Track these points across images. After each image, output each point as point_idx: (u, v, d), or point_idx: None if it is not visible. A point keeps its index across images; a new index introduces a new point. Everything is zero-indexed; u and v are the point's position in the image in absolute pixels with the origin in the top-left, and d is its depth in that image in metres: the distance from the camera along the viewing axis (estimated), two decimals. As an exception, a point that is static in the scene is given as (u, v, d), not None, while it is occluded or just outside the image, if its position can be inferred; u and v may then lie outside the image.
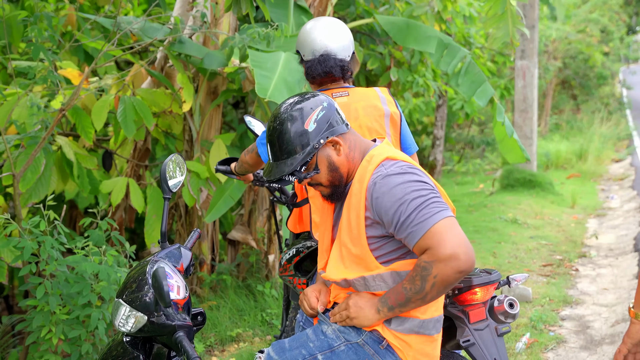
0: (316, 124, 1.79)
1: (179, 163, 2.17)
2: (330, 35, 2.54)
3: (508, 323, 2.48)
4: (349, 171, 1.86)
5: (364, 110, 2.53)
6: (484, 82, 4.58)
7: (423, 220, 1.66)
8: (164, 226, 2.07)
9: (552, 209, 8.17)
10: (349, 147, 1.85)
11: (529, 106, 9.50)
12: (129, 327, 1.88)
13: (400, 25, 4.62)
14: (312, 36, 2.55)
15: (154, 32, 4.13)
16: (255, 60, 3.51)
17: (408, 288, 1.71)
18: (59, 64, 4.13)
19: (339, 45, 2.53)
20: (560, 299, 4.78)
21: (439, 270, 1.64)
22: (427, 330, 1.84)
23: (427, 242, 1.66)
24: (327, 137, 1.80)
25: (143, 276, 1.92)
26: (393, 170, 1.75)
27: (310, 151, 1.79)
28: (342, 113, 1.87)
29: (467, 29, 7.88)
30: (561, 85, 17.43)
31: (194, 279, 4.75)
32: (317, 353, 1.86)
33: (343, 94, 2.54)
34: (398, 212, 1.69)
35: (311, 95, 1.85)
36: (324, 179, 1.85)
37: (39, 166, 3.58)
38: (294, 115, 1.80)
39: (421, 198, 1.69)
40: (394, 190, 1.71)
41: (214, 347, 4.07)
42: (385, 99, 2.59)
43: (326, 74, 2.54)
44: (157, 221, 4.29)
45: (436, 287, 1.67)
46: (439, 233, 1.64)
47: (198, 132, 4.64)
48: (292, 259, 2.93)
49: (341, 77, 2.56)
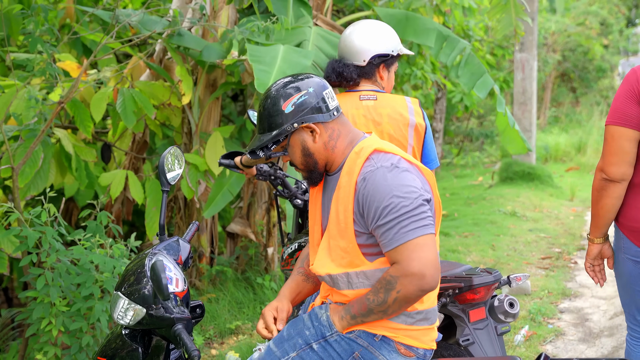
0: (293, 107, 1.81)
1: (177, 156, 2.17)
2: (344, 40, 2.57)
3: (508, 322, 2.50)
4: (328, 160, 1.87)
5: (389, 117, 2.52)
6: (484, 73, 4.57)
7: (398, 233, 1.69)
8: (162, 219, 2.07)
9: (551, 201, 8.17)
10: (330, 136, 1.86)
11: (528, 99, 9.49)
12: (128, 319, 1.88)
13: (399, 17, 4.61)
14: (343, 37, 2.60)
15: (153, 24, 4.12)
16: (254, 54, 3.50)
17: (371, 299, 1.75)
18: (57, 56, 4.11)
19: (349, 49, 2.55)
20: (559, 292, 4.79)
21: (403, 286, 1.68)
22: (426, 320, 1.85)
23: (397, 256, 1.70)
24: (303, 122, 1.82)
25: (142, 269, 1.92)
26: (383, 165, 1.75)
27: (281, 132, 1.82)
28: (331, 101, 1.86)
29: (466, 22, 7.86)
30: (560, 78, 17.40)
31: (193, 271, 4.76)
32: (312, 342, 1.87)
33: (371, 97, 2.54)
34: (378, 214, 1.71)
35: (304, 76, 1.86)
36: (297, 161, 1.88)
37: (37, 160, 3.57)
38: (276, 95, 1.83)
39: (404, 208, 1.69)
40: (381, 189, 1.72)
41: (213, 339, 4.08)
42: (413, 110, 2.57)
43: (326, 78, 2.59)
44: (156, 214, 4.29)
45: (398, 302, 1.71)
46: (410, 250, 1.68)
47: (197, 125, 4.63)
48: (294, 253, 2.93)
49: (337, 82, 2.57)
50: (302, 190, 3.05)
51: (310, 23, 4.31)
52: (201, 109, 4.66)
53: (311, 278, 2.07)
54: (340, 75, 2.56)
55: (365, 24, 2.59)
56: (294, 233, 3.15)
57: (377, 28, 2.57)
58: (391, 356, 1.82)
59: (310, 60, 3.59)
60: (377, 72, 2.59)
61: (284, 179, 2.98)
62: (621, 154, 2.17)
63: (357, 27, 2.59)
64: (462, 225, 6.76)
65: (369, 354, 1.83)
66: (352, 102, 2.56)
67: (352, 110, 2.55)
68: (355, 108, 2.55)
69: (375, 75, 2.60)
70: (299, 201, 3.01)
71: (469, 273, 2.52)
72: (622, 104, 2.16)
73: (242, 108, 6.23)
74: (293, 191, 2.98)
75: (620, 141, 2.17)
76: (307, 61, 3.55)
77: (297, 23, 4.30)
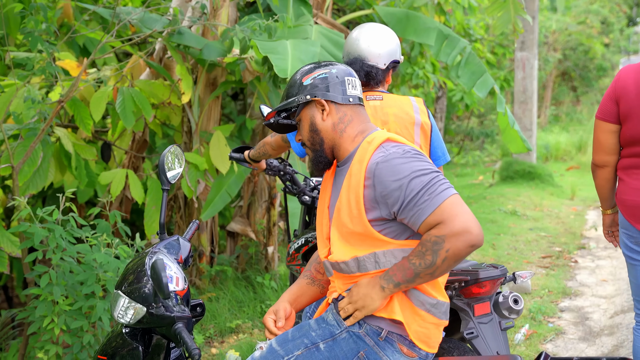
0: (311, 81, 1.88)
1: (177, 154, 2.16)
2: (366, 41, 2.60)
3: (512, 318, 2.50)
4: (335, 143, 1.89)
5: (395, 117, 2.56)
6: (484, 73, 4.57)
7: (432, 197, 1.69)
8: (162, 217, 2.07)
9: (552, 200, 8.17)
10: (341, 118, 1.88)
11: (529, 98, 9.48)
12: (128, 318, 1.88)
13: (400, 16, 4.60)
14: (350, 41, 2.63)
15: (153, 23, 4.11)
16: (265, 48, 3.54)
17: (417, 263, 1.71)
18: (57, 55, 4.11)
19: (372, 50, 2.58)
20: (560, 291, 4.78)
21: (452, 244, 1.66)
22: (438, 312, 1.85)
23: (437, 218, 1.68)
24: (315, 96, 1.86)
25: (142, 267, 1.92)
26: (395, 152, 1.77)
27: (293, 101, 1.88)
28: (351, 88, 1.90)
29: (466, 20, 7.85)
30: (561, 77, 17.39)
31: (193, 270, 4.76)
32: (319, 342, 1.86)
33: (377, 98, 2.59)
34: (404, 191, 1.71)
35: (331, 62, 1.94)
36: (305, 136, 1.92)
37: (37, 159, 3.57)
38: (302, 70, 1.92)
39: (427, 177, 1.71)
40: (398, 169, 1.73)
41: (213, 338, 4.08)
42: (418, 109, 2.62)
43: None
44: (156, 212, 4.29)
45: (447, 261, 1.68)
46: (449, 208, 1.67)
47: (197, 124, 4.62)
48: (301, 249, 2.94)
49: (366, 82, 2.60)
50: (310, 187, 3.06)
51: (310, 21, 4.31)
52: (201, 107, 4.66)
53: (317, 281, 2.06)
54: (368, 75, 2.59)
55: (383, 29, 2.65)
56: (301, 229, 3.17)
57: (392, 35, 2.66)
58: (394, 357, 1.82)
59: (318, 47, 3.63)
60: (387, 75, 2.66)
61: (293, 175, 2.99)
62: (601, 144, 2.60)
63: (372, 30, 2.65)
64: (462, 224, 6.75)
65: (374, 353, 1.83)
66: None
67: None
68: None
69: (385, 78, 2.67)
70: (307, 198, 3.02)
71: (475, 267, 2.53)
72: (605, 101, 2.56)
73: (242, 107, 6.22)
74: (301, 187, 3.00)
75: (601, 133, 2.59)
76: (316, 48, 3.60)
77: (298, 22, 4.30)
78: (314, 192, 3.03)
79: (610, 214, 2.80)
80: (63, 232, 2.94)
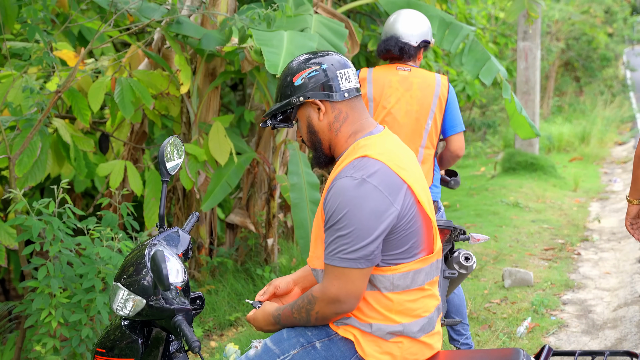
0: (303, 81, 1.82)
1: (176, 146, 2.13)
2: (402, 22, 3.15)
3: (462, 273, 2.87)
4: (331, 142, 1.85)
5: (418, 86, 3.10)
6: (488, 59, 4.52)
7: (332, 252, 1.72)
8: (162, 209, 2.04)
9: (554, 192, 8.12)
10: (336, 117, 1.83)
11: (531, 88, 9.41)
12: (127, 310, 1.86)
13: (401, 4, 4.54)
14: (389, 22, 3.20)
15: (151, 12, 4.06)
16: (261, 38, 3.50)
17: (297, 317, 1.82)
18: (54, 45, 4.06)
19: (406, 30, 3.13)
20: (562, 283, 4.75)
21: (320, 308, 1.76)
22: (410, 333, 1.80)
23: (326, 272, 1.75)
24: (309, 97, 1.81)
25: (141, 259, 1.90)
26: (353, 176, 1.72)
27: (287, 104, 1.83)
28: (345, 82, 1.82)
29: (468, 10, 7.78)
30: (564, 67, 17.28)
31: (192, 262, 4.73)
32: (315, 341, 1.83)
33: (406, 69, 3.14)
34: (327, 219, 1.74)
35: (324, 53, 1.86)
36: (305, 137, 1.89)
37: (35, 149, 3.53)
38: (291, 68, 1.86)
39: (349, 232, 1.69)
40: (339, 200, 1.71)
41: (212, 331, 4.06)
42: (440, 82, 3.13)
43: (386, 51, 3.15)
44: (156, 204, 4.25)
45: (319, 321, 1.80)
46: (334, 275, 1.73)
47: (196, 115, 4.58)
48: None
49: (399, 55, 3.13)
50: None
51: (310, 11, 4.25)
52: (200, 98, 4.61)
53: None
54: (401, 50, 3.12)
55: (417, 14, 3.20)
56: None
57: (422, 17, 3.20)
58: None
59: (315, 42, 3.58)
60: (419, 53, 3.19)
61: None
62: None
63: (407, 14, 3.19)
64: (464, 217, 6.71)
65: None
66: (390, 70, 3.16)
67: (389, 76, 3.14)
68: (392, 75, 3.14)
69: (417, 55, 3.19)
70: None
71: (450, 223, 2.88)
72: None
73: (242, 97, 6.18)
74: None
75: None
76: (313, 43, 3.56)
77: (298, 11, 4.24)
78: None
79: (636, 204, 2.79)
80: (60, 224, 2.90)
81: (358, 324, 1.79)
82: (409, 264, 1.77)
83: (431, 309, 1.84)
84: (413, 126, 3.09)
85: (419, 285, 1.80)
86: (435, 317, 1.87)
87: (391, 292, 1.77)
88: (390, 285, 1.76)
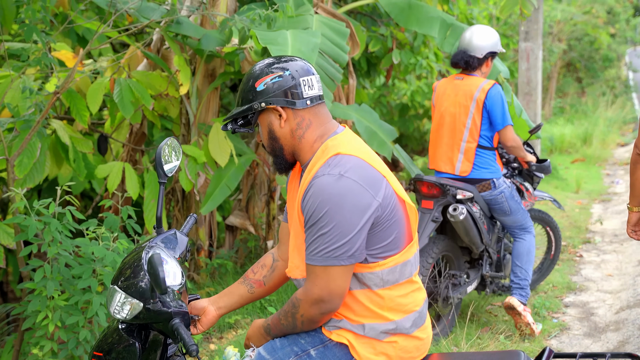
0: (265, 87, 1.79)
1: (174, 147, 2.11)
2: (469, 37, 3.80)
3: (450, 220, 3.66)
4: (295, 149, 1.83)
5: (463, 91, 3.78)
6: None
7: (314, 252, 1.69)
8: (159, 211, 2.02)
9: (556, 193, 8.08)
10: (299, 124, 1.80)
11: (533, 89, 9.37)
12: (125, 314, 1.84)
13: (402, 6, 4.52)
14: (461, 37, 3.86)
15: (151, 12, 4.04)
16: (265, 38, 3.48)
17: (284, 324, 1.81)
18: (53, 45, 4.04)
19: (472, 45, 3.78)
20: (564, 286, 4.72)
21: (305, 310, 1.74)
22: (403, 329, 1.79)
23: (308, 273, 1.74)
24: (270, 104, 1.78)
25: (138, 262, 1.88)
26: (331, 173, 1.70)
27: (248, 109, 1.80)
28: (308, 89, 1.80)
29: (469, 10, 7.75)
30: (566, 68, 17.23)
31: (191, 265, 4.70)
32: (309, 349, 1.81)
33: (459, 78, 3.86)
34: (307, 219, 1.71)
35: (288, 59, 1.83)
36: (265, 143, 1.87)
37: (35, 151, 3.51)
38: (254, 72, 1.82)
39: (330, 229, 1.67)
40: (319, 198, 1.69)
41: (211, 334, 4.04)
42: (480, 88, 3.74)
43: (455, 63, 3.84)
44: (155, 206, 4.23)
45: (306, 324, 1.78)
46: (316, 275, 1.70)
47: (195, 116, 4.55)
48: None
49: (465, 67, 3.82)
50: None
51: (311, 11, 4.23)
52: (199, 99, 4.59)
53: (247, 281, 2.03)
54: (466, 62, 3.79)
55: (484, 28, 3.82)
56: None
57: (490, 32, 3.80)
58: None
59: (318, 38, 3.57)
60: (485, 62, 3.83)
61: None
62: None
63: (477, 29, 3.81)
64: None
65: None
66: (449, 81, 3.92)
67: (446, 85, 3.90)
68: (448, 84, 3.89)
69: (483, 64, 3.83)
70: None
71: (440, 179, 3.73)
72: None
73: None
74: None
75: None
76: (317, 39, 3.56)
77: (298, 11, 4.22)
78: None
79: (636, 211, 2.79)
80: (59, 225, 2.88)
81: (350, 326, 1.77)
82: (396, 257, 1.77)
83: (421, 302, 1.85)
84: (456, 124, 3.80)
85: (407, 278, 1.80)
86: (425, 310, 1.87)
87: (381, 289, 1.76)
88: (380, 281, 1.75)
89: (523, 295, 3.83)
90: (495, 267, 4.07)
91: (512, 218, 3.87)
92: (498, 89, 3.73)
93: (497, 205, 3.83)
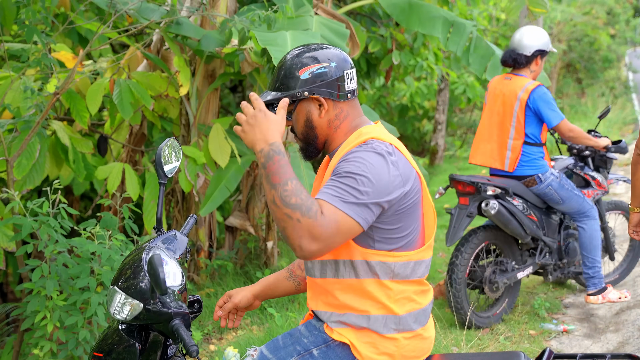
0: (310, 76, 1.76)
1: (174, 148, 2.11)
2: (520, 36, 3.97)
3: (485, 216, 3.93)
4: (328, 138, 1.82)
5: (509, 91, 3.96)
6: (493, 54, 4.51)
7: (330, 193, 1.62)
8: (159, 212, 2.02)
9: (556, 194, 8.07)
10: (337, 115, 1.80)
11: (533, 90, 9.36)
12: (125, 314, 1.83)
13: (403, 6, 4.52)
14: (512, 36, 4.04)
15: (151, 13, 4.04)
16: (264, 39, 3.48)
17: (284, 192, 1.59)
18: (53, 46, 4.04)
19: (520, 43, 3.96)
20: (564, 287, 4.72)
21: (297, 224, 1.56)
22: (407, 325, 1.79)
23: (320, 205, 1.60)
24: (314, 93, 1.76)
25: (138, 263, 1.87)
26: (374, 147, 1.69)
27: (290, 96, 1.77)
28: (349, 82, 1.80)
29: (469, 11, 7.76)
30: (566, 69, 17.23)
31: (191, 266, 4.70)
32: (312, 348, 1.81)
33: (507, 78, 4.03)
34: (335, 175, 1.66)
35: (332, 48, 1.82)
36: (299, 130, 1.82)
37: (34, 152, 3.51)
38: (298, 58, 1.78)
39: (358, 180, 1.62)
40: (351, 156, 1.67)
41: (211, 334, 4.03)
42: (525, 88, 3.91)
43: (504, 61, 4.04)
44: (155, 207, 4.23)
45: (278, 218, 1.59)
46: (331, 213, 1.59)
47: (195, 117, 4.55)
48: None
49: (511, 65, 4.01)
50: None
51: (310, 12, 4.23)
52: (199, 100, 4.59)
53: (294, 276, 2.03)
54: (515, 60, 3.97)
55: (534, 28, 4.00)
56: None
57: (540, 31, 3.96)
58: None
59: (318, 40, 3.56)
60: (534, 60, 3.98)
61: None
62: None
63: (527, 29, 3.99)
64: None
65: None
66: (500, 80, 4.11)
67: (497, 84, 4.08)
68: (498, 83, 4.08)
69: (532, 62, 3.98)
70: None
71: (474, 176, 4.04)
72: None
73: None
74: None
75: None
76: (316, 40, 3.53)
77: (298, 12, 4.22)
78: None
79: (638, 212, 2.80)
80: (55, 223, 2.88)
81: (355, 319, 1.75)
82: (410, 253, 1.76)
83: (426, 302, 1.84)
84: (504, 122, 4.01)
85: (419, 277, 1.80)
86: (429, 309, 1.87)
87: (390, 280, 1.75)
88: (390, 272, 1.74)
89: (596, 283, 4.01)
90: (558, 255, 4.22)
91: (567, 205, 4.03)
92: (543, 89, 3.91)
93: (548, 197, 4.03)
